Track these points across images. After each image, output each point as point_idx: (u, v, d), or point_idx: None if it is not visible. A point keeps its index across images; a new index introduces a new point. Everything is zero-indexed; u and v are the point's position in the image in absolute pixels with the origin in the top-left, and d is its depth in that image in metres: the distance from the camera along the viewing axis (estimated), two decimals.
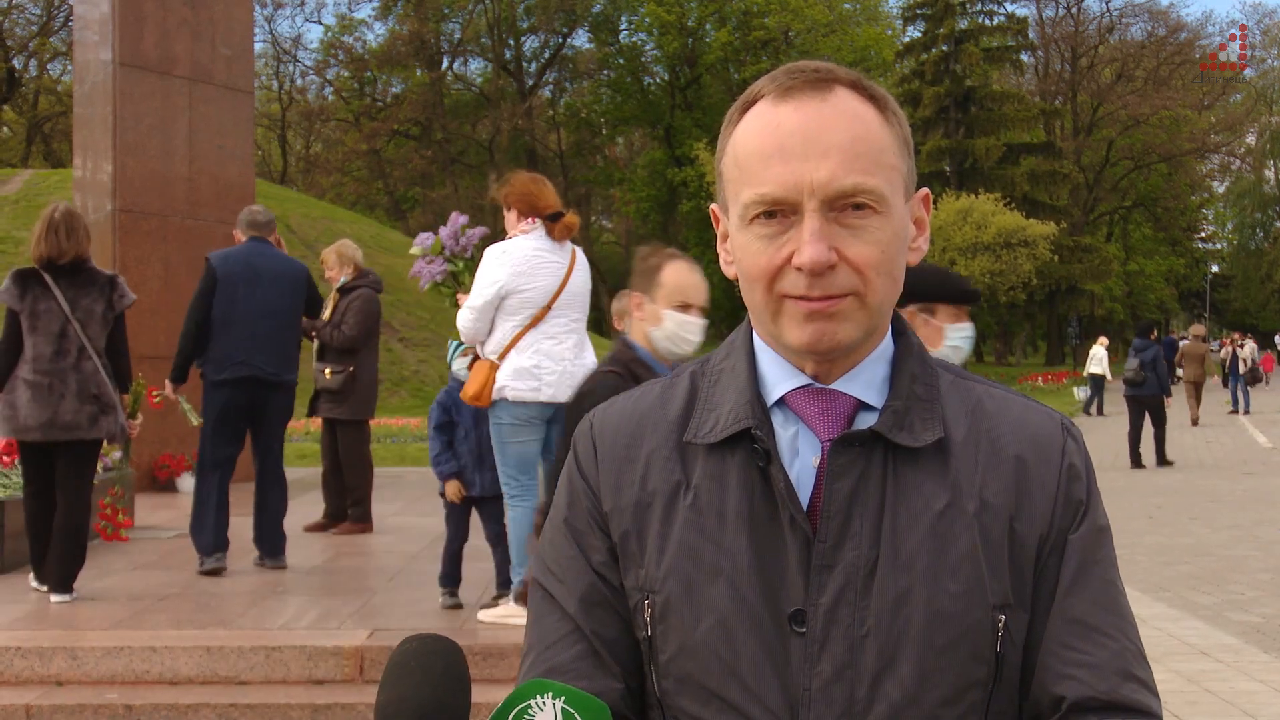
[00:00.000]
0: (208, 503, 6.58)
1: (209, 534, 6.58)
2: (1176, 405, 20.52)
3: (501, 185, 5.47)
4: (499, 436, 5.29)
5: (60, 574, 5.93)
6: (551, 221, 5.31)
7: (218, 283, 6.58)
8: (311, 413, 8.35)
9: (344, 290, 8.09)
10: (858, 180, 1.14)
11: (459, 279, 5.82)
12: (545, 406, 5.24)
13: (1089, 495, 1.23)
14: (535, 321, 5.25)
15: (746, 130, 1.19)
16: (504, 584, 5.69)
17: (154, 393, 7.40)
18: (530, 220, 5.33)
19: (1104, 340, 28.14)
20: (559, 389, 5.19)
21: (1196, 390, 24.39)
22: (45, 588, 6.03)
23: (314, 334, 7.86)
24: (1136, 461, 16.75)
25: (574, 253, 5.41)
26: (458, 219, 6.03)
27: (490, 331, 5.30)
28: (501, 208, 5.44)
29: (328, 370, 7.98)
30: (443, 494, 5.71)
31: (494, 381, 5.22)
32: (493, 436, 5.33)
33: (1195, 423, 24.32)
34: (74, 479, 5.97)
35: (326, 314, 8.15)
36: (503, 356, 5.26)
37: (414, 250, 6.09)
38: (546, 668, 1.22)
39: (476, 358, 5.39)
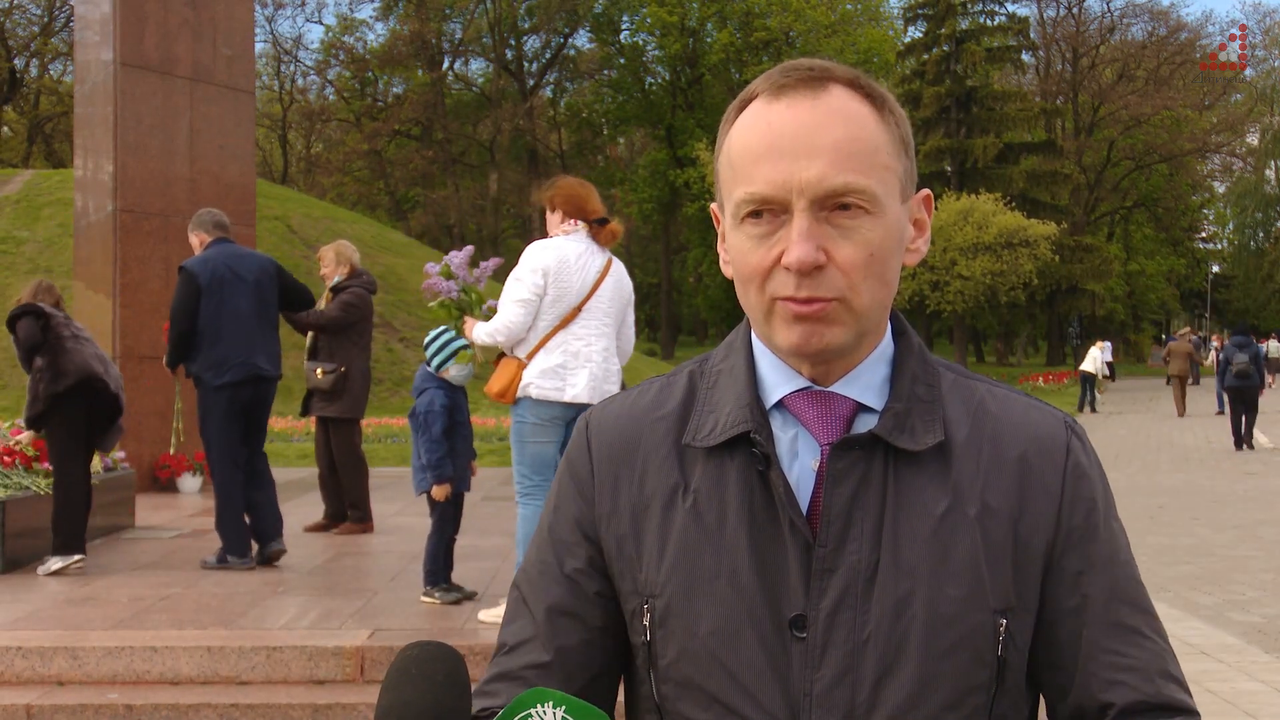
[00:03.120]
0: (239, 504, 6.76)
1: (246, 535, 6.79)
2: (1169, 401, 20.63)
3: (547, 188, 5.54)
4: (519, 435, 5.33)
5: None
6: (599, 226, 5.39)
7: (202, 290, 6.64)
8: (305, 412, 8.38)
9: (336, 289, 8.10)
10: (848, 180, 1.12)
11: (469, 308, 5.83)
12: (568, 407, 5.26)
13: (1100, 493, 1.22)
14: (565, 322, 5.29)
15: (741, 129, 1.18)
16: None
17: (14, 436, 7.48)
18: (573, 222, 5.38)
19: (1101, 342, 28.90)
20: (583, 390, 5.22)
21: (1182, 385, 25.19)
22: (69, 562, 6.50)
23: (294, 322, 7.81)
24: (1239, 445, 18.52)
25: (609, 261, 5.46)
26: (467, 252, 6.00)
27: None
28: (538, 210, 5.52)
29: (319, 370, 7.99)
30: (425, 494, 5.77)
31: (520, 379, 5.27)
32: (512, 434, 5.40)
33: (1181, 415, 24.61)
34: None
35: None
36: (531, 356, 5.29)
37: (430, 269, 6.05)
38: (498, 671, 1.24)
39: (502, 355, 5.43)
